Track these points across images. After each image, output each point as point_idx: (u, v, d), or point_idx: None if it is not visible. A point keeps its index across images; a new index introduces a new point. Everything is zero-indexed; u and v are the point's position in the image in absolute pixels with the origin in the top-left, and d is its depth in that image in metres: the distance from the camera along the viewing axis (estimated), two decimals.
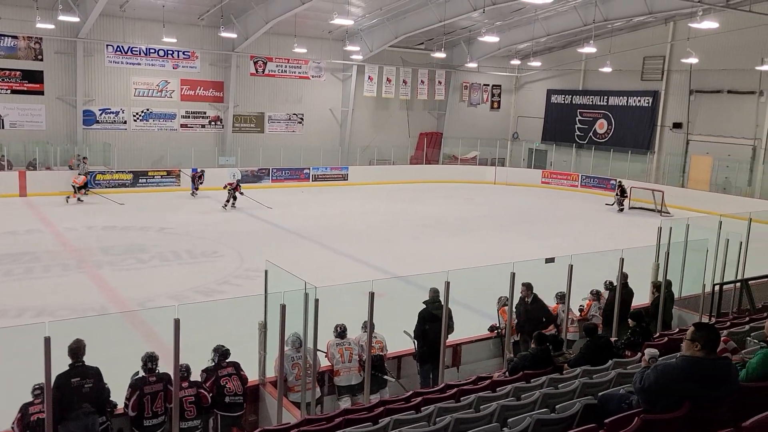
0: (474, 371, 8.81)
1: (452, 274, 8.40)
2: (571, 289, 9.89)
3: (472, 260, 14.75)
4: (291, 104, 30.88)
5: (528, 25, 28.66)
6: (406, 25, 27.58)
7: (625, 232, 21.23)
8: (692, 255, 12.12)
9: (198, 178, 25.51)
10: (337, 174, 30.64)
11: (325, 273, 14.78)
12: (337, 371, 7.94)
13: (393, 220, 22.79)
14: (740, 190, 26.69)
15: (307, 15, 25.57)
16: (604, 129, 32.83)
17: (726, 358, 4.02)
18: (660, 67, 30.01)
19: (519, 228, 22.14)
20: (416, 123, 34.90)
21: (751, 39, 24.75)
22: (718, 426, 3.53)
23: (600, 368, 6.29)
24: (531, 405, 5.06)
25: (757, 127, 26.52)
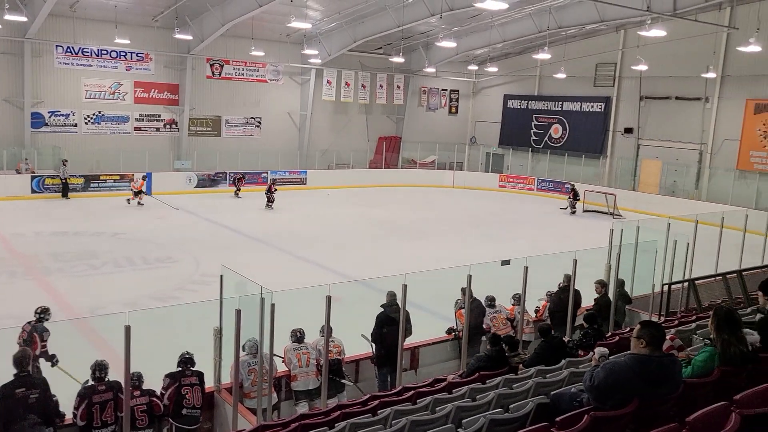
0: (432, 374, 8.85)
1: (410, 278, 8.43)
2: (526, 291, 10.06)
3: (430, 263, 14.84)
4: (248, 108, 30.57)
5: (485, 31, 29.05)
6: (365, 30, 27.64)
7: (579, 235, 21.67)
8: (642, 256, 12.46)
9: (239, 180, 27.23)
10: (296, 178, 30.46)
11: (283, 277, 14.66)
12: (295, 376, 7.88)
13: (351, 223, 22.77)
14: (687, 193, 27.57)
15: (264, 18, 25.38)
16: (559, 134, 33.50)
17: (671, 355, 4.14)
18: (612, 74, 30.80)
19: (476, 231, 22.39)
20: (375, 127, 34.98)
21: (697, 47, 25.63)
22: (664, 421, 3.62)
23: (553, 368, 6.40)
24: (486, 405, 5.11)
25: (703, 132, 27.45)
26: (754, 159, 25.95)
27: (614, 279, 11.71)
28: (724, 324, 4.30)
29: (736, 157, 26.39)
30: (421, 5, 23.65)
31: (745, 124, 26.12)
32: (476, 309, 9.82)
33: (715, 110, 27.00)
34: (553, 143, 33.69)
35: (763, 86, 25.37)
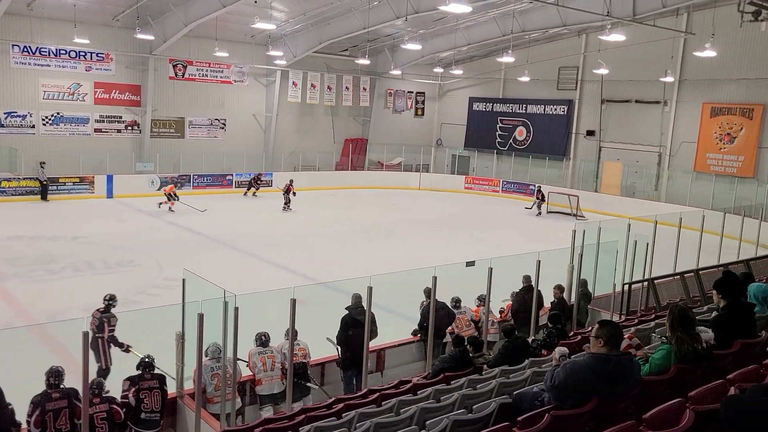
0: (398, 375, 8.87)
1: (375, 279, 8.43)
2: (491, 292, 10.15)
3: (395, 265, 14.82)
4: (213, 109, 30.21)
5: (450, 34, 29.26)
6: (330, 32, 27.58)
7: (543, 236, 21.97)
8: (604, 256, 12.70)
9: (257, 180, 28.17)
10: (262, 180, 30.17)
11: (248, 280, 14.51)
12: (259, 380, 7.80)
13: (317, 226, 22.68)
14: (647, 194, 28.21)
15: (228, 18, 25.11)
16: (524, 136, 33.92)
17: (629, 354, 4.22)
18: (574, 77, 31.33)
19: (442, 233, 22.51)
20: (341, 129, 34.92)
21: (656, 52, 26.25)
22: (622, 419, 3.69)
23: (517, 368, 6.47)
24: (450, 406, 5.13)
25: (662, 134, 28.12)
26: (710, 161, 26.69)
27: (576, 279, 11.91)
28: (678, 323, 4.40)
29: (694, 159, 27.11)
30: (386, 7, 23.71)
31: (701, 127, 26.84)
32: (442, 310, 9.87)
33: (673, 113, 27.70)
34: (517, 145, 34.10)
35: (718, 90, 26.12)
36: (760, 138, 25.14)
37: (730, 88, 25.78)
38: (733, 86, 25.64)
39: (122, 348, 9.26)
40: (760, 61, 24.05)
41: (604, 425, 3.64)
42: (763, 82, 24.43)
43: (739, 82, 25.32)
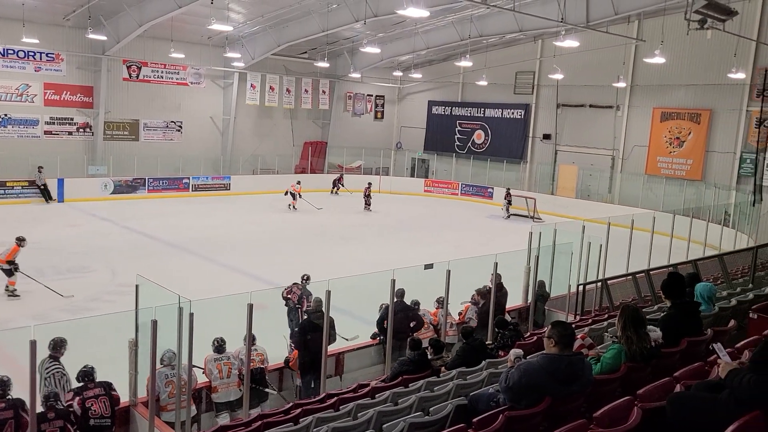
0: (357, 379, 8.86)
1: (334, 283, 8.41)
2: (449, 294, 10.23)
3: (355, 268, 14.84)
4: (168, 111, 29.66)
5: (409, 38, 29.43)
6: (289, 34, 27.40)
7: (501, 238, 22.25)
8: (559, 258, 12.94)
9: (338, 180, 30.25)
10: (219, 183, 29.81)
11: (205, 286, 14.32)
12: (215, 388, 7.69)
13: (276, 229, 22.49)
14: (601, 196, 28.88)
15: (184, 19, 24.71)
16: (482, 139, 34.33)
17: (580, 353, 4.31)
18: (531, 82, 31.86)
19: (401, 236, 22.59)
20: (300, 132, 34.73)
21: (609, 58, 26.91)
22: (574, 418, 3.76)
23: (474, 369, 6.54)
24: (407, 409, 5.15)
25: (615, 138, 28.84)
26: (661, 164, 27.47)
27: (533, 280, 12.11)
28: (630, 323, 4.52)
29: (645, 162, 27.86)
30: (345, 11, 23.70)
31: (652, 132, 27.62)
32: (401, 312, 9.90)
33: (625, 118, 28.43)
34: (476, 149, 34.49)
35: (668, 95, 26.93)
36: (708, 142, 26.01)
37: (679, 94, 26.61)
38: (681, 92, 26.47)
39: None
40: (706, 67, 24.89)
41: (557, 424, 3.70)
42: (710, 88, 25.30)
43: (688, 88, 26.15)
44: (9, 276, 13.41)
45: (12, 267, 13.38)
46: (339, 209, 27.60)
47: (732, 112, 25.02)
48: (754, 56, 23.85)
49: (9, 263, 13.34)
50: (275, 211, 26.01)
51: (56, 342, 7.17)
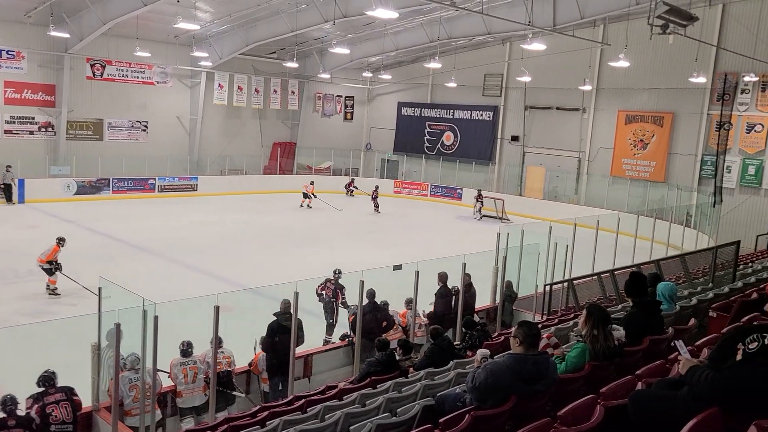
0: (325, 381, 8.82)
1: (302, 285, 8.37)
2: (418, 295, 10.26)
3: (324, 270, 14.77)
4: (134, 111, 29.15)
5: (378, 39, 29.45)
6: (257, 34, 27.18)
7: (469, 239, 22.38)
8: (527, 258, 13.08)
9: (350, 184, 30.84)
10: (186, 184, 29.40)
11: (170, 288, 14.10)
12: (180, 392, 7.57)
13: (244, 231, 22.27)
14: (568, 198, 29.31)
15: (150, 17, 24.31)
16: (451, 141, 34.54)
17: (545, 353, 4.35)
18: (499, 84, 32.17)
19: (371, 237, 22.59)
20: (269, 132, 34.46)
21: (575, 61, 27.31)
22: (539, 416, 3.79)
23: (441, 370, 6.56)
24: (375, 410, 5.14)
25: (581, 140, 29.29)
26: (625, 166, 27.99)
27: (501, 281, 12.22)
28: (598, 321, 4.58)
29: (610, 164, 28.36)
30: (314, 11, 23.60)
31: (617, 134, 28.13)
32: (370, 314, 9.89)
33: (591, 120, 28.89)
34: (445, 150, 34.68)
35: (632, 98, 27.46)
36: (670, 144, 26.59)
37: (642, 97, 27.15)
38: (645, 95, 27.02)
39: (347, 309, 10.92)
40: (669, 71, 25.44)
41: (523, 423, 3.73)
42: (672, 92, 25.88)
43: (651, 92, 26.71)
44: (50, 275, 13.86)
45: (53, 267, 13.85)
46: (307, 211, 27.47)
47: (693, 115, 25.63)
48: (714, 61, 24.48)
49: (50, 263, 13.80)
50: (244, 211, 25.76)
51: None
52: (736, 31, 23.67)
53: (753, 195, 24.10)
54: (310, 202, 27.97)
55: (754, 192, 24.11)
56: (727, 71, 24.13)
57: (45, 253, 13.87)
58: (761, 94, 23.75)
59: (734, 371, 2.87)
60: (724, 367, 2.94)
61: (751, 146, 24.14)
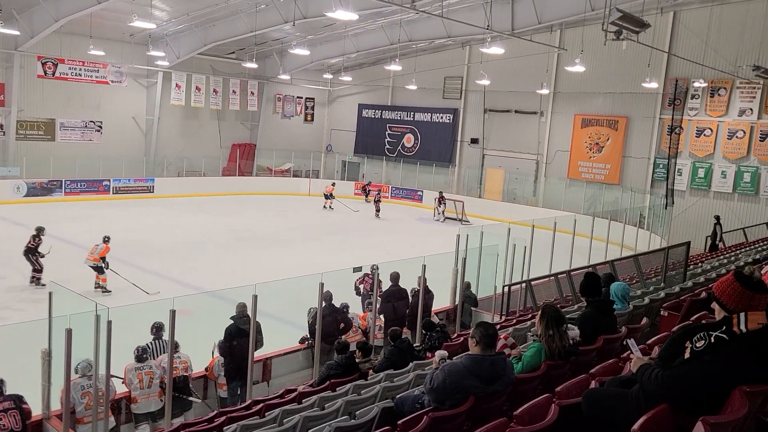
0: (284, 384, 8.75)
1: (261, 287, 8.28)
2: (378, 297, 10.26)
3: (284, 272, 14.64)
4: (88, 110, 28.42)
5: (339, 41, 29.39)
6: (216, 33, 26.82)
7: (429, 240, 22.50)
8: (486, 259, 13.23)
9: (368, 185, 30.78)
10: (142, 186, 28.81)
11: (127, 292, 13.81)
12: (135, 398, 7.40)
13: (202, 233, 21.93)
14: (526, 199, 29.76)
15: (104, 15, 23.76)
16: (412, 143, 34.71)
17: (502, 353, 4.40)
18: (459, 87, 32.48)
19: (331, 239, 22.52)
20: (228, 134, 34.03)
21: (533, 65, 27.79)
22: (496, 416, 3.83)
23: (401, 371, 6.57)
24: (334, 413, 5.12)
25: (539, 143, 29.79)
26: (582, 168, 28.57)
27: (460, 282, 12.32)
28: (551, 322, 4.65)
29: (567, 166, 28.91)
30: (274, 11, 23.40)
31: (574, 137, 28.70)
32: (330, 316, 9.86)
33: (549, 124, 29.41)
34: (406, 152, 34.83)
35: (588, 103, 28.06)
36: (624, 148, 27.25)
37: (598, 101, 27.77)
38: (600, 99, 27.65)
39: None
40: (623, 76, 26.08)
41: (480, 423, 3.76)
42: (626, 96, 26.54)
43: (606, 96, 27.34)
44: (100, 273, 14.53)
45: (102, 264, 14.50)
46: (264, 212, 27.23)
47: (646, 119, 26.34)
48: (665, 67, 25.22)
49: (102, 260, 14.49)
50: (202, 213, 25.38)
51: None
52: (686, 38, 24.44)
53: (702, 197, 24.90)
54: (331, 202, 28.90)
55: (703, 194, 24.90)
56: (677, 77, 24.88)
57: (98, 251, 14.47)
58: (710, 100, 24.57)
59: (682, 369, 2.95)
60: (673, 365, 3.01)
61: (701, 150, 24.93)
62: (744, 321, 2.96)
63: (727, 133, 24.27)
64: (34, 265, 14.53)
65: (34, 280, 14.50)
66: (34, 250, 14.55)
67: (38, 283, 14.45)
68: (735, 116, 24.05)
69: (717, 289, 3.14)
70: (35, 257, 14.54)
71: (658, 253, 14.18)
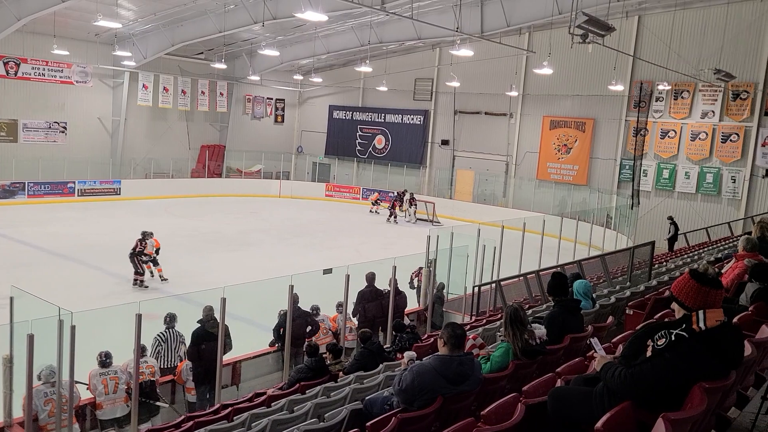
0: (254, 388, 8.67)
1: (230, 290, 8.20)
2: (348, 298, 10.25)
3: (254, 274, 14.52)
4: (52, 111, 27.79)
5: (309, 42, 29.27)
6: (184, 33, 26.46)
7: (401, 241, 22.57)
8: (456, 260, 13.31)
9: (404, 193, 28.83)
10: (108, 188, 28.31)
11: (91, 296, 13.55)
12: (100, 404, 7.26)
13: (171, 236, 21.56)
14: (497, 200, 30.02)
15: (68, 14, 23.27)
16: (383, 144, 34.74)
17: (470, 353, 4.43)
18: (429, 89, 32.62)
19: (302, 240, 22.40)
20: (197, 135, 33.62)
21: (502, 68, 28.07)
22: (465, 416, 3.85)
23: (371, 373, 6.57)
24: (303, 416, 5.09)
25: (508, 145, 30.08)
26: (550, 170, 28.93)
27: (431, 283, 12.37)
28: (511, 321, 4.70)
29: (536, 167, 29.25)
30: (243, 12, 23.20)
31: (542, 139, 29.05)
32: (300, 318, 9.80)
33: (518, 125, 29.72)
34: (377, 153, 34.85)
35: (556, 105, 28.43)
36: (592, 149, 27.68)
37: (566, 103, 28.16)
38: (568, 101, 28.04)
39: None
40: (590, 79, 26.51)
41: (449, 423, 3.78)
42: (593, 99, 26.96)
43: (573, 98, 27.74)
44: (156, 265, 15.68)
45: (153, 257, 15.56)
46: (233, 214, 26.98)
47: (612, 121, 26.79)
48: (631, 70, 25.69)
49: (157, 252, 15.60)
50: (170, 216, 25.02)
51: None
52: (650, 42, 24.93)
53: (667, 197, 25.41)
54: (378, 208, 29.30)
55: (668, 195, 25.42)
56: (642, 80, 25.37)
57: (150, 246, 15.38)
58: (674, 102, 25.10)
59: (644, 367, 3.00)
60: (635, 363, 3.07)
61: (665, 151, 25.45)
62: (703, 318, 3.03)
63: (690, 134, 24.83)
64: (137, 268, 15.18)
65: (137, 282, 15.15)
66: (140, 254, 15.30)
67: (141, 285, 15.12)
68: (698, 118, 24.62)
69: (675, 288, 3.21)
70: (139, 260, 15.23)
71: (624, 252, 14.44)
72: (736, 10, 23.04)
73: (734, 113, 23.79)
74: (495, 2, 22.13)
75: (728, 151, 24.01)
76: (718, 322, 3.03)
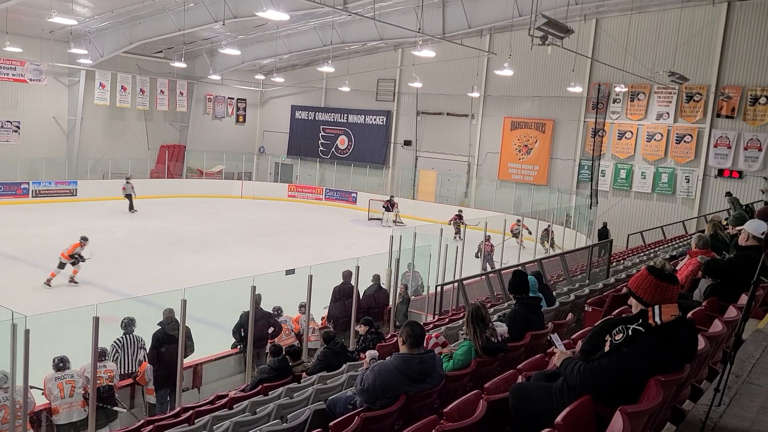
0: (216, 390, 8.56)
1: (190, 292, 8.09)
2: (311, 299, 10.20)
3: (215, 276, 14.34)
4: (4, 110, 26.93)
5: (271, 42, 29.04)
6: (142, 31, 25.95)
7: (363, 242, 22.57)
8: (419, 260, 13.39)
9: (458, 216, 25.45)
10: (64, 189, 27.56)
11: (47, 300, 13.19)
12: (56, 409, 7.07)
13: (131, 237, 21.20)
14: (459, 200, 30.26)
15: (21, 10, 22.56)
16: (345, 145, 34.68)
17: (431, 351, 4.46)
18: (392, 89, 32.70)
19: (264, 241, 22.21)
20: (156, 135, 33.00)
21: (464, 69, 28.31)
22: (428, 414, 3.88)
23: (334, 373, 6.55)
24: (265, 418, 5.05)
25: (470, 145, 30.36)
26: (511, 170, 29.31)
27: (394, 282, 12.41)
28: (473, 319, 4.75)
29: (497, 168, 29.60)
30: (203, 10, 22.86)
31: (503, 139, 29.41)
32: (262, 320, 9.72)
33: (479, 126, 30.02)
34: (339, 154, 34.77)
35: (517, 106, 28.82)
36: (552, 150, 28.15)
37: (526, 104, 28.57)
38: (528, 103, 28.45)
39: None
40: (549, 80, 26.94)
41: (412, 422, 3.79)
42: (552, 100, 27.42)
43: (533, 99, 28.17)
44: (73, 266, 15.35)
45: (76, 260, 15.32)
46: (194, 215, 26.59)
47: (571, 122, 27.29)
48: (589, 72, 26.22)
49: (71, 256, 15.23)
50: (129, 217, 24.52)
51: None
52: (607, 44, 25.49)
53: (624, 197, 26.01)
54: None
55: (625, 194, 26.02)
56: (600, 82, 25.92)
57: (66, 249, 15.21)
58: (630, 104, 25.71)
59: (602, 361, 3.07)
60: (594, 358, 3.13)
61: (622, 152, 26.04)
62: (658, 313, 3.11)
63: (646, 135, 25.46)
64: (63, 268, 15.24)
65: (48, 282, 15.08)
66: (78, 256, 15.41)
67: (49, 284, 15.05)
68: (653, 120, 25.26)
69: (633, 284, 3.29)
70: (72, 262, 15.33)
71: (583, 251, 14.73)
72: (689, 14, 23.71)
73: (688, 115, 24.50)
74: (456, 4, 22.34)
75: (682, 151, 24.71)
76: (673, 317, 3.12)
